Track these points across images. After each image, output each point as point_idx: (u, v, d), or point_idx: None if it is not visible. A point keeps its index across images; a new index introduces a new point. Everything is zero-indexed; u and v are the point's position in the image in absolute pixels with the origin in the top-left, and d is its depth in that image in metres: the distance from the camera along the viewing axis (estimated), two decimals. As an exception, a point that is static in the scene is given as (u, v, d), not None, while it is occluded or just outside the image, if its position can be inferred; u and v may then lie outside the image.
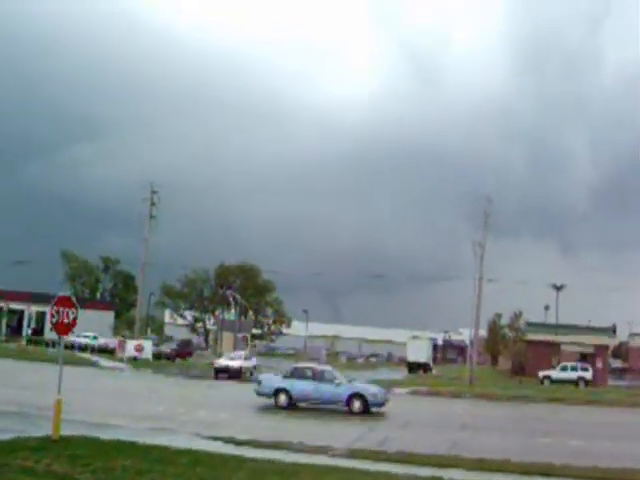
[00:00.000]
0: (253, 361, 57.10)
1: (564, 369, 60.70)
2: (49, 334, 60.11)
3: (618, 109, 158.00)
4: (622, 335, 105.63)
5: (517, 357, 77.43)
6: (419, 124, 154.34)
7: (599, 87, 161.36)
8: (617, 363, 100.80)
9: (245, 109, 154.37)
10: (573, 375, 59.83)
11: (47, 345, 60.76)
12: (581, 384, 58.20)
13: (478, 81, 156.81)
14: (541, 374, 62.04)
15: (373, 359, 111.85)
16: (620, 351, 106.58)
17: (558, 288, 73.79)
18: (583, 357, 76.74)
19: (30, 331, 69.27)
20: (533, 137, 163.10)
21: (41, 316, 69.69)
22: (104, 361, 54.16)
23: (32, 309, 73.28)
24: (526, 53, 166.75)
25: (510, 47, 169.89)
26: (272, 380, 30.29)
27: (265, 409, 28.51)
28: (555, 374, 60.25)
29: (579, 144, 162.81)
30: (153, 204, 63.95)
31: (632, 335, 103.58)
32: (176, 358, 66.62)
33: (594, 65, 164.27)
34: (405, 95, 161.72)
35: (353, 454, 17.45)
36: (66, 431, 16.34)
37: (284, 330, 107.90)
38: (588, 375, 59.77)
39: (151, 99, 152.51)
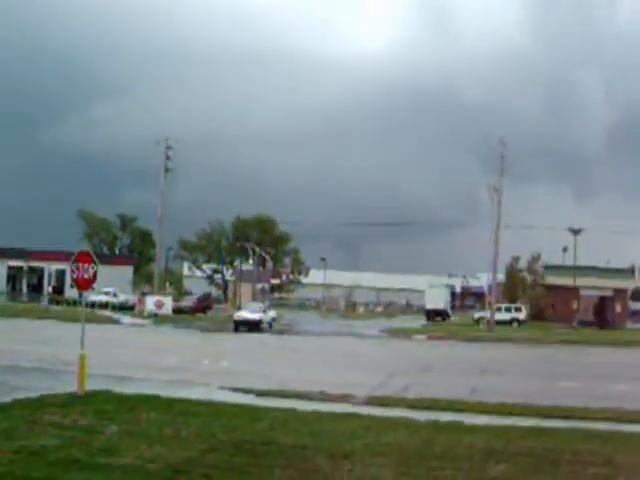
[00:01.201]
0: (272, 313, 57.61)
1: (499, 310, 63.95)
2: (70, 292, 60.63)
3: (633, 50, 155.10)
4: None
5: (536, 302, 77.35)
6: (435, 71, 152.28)
7: (614, 28, 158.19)
8: (637, 305, 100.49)
9: (260, 59, 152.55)
10: (507, 316, 64.56)
11: (68, 304, 61.32)
12: (514, 324, 63.48)
13: (492, 26, 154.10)
14: (476, 315, 68.20)
15: (392, 307, 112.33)
16: (639, 293, 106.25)
17: (576, 232, 73.25)
18: (602, 301, 76.91)
19: (50, 289, 69.89)
20: (548, 80, 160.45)
21: (61, 274, 70.23)
22: (125, 318, 54.75)
23: (52, 267, 73.81)
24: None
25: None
26: None
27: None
28: (484, 314, 63.95)
29: (595, 86, 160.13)
30: (168, 158, 63.95)
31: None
32: (196, 312, 67.22)
33: (609, 4, 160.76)
34: (421, 43, 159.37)
35: (374, 401, 17.61)
36: (91, 386, 16.60)
37: (302, 280, 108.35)
38: (521, 315, 65.24)
39: (163, 56, 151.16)
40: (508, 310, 66.72)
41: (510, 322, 63.88)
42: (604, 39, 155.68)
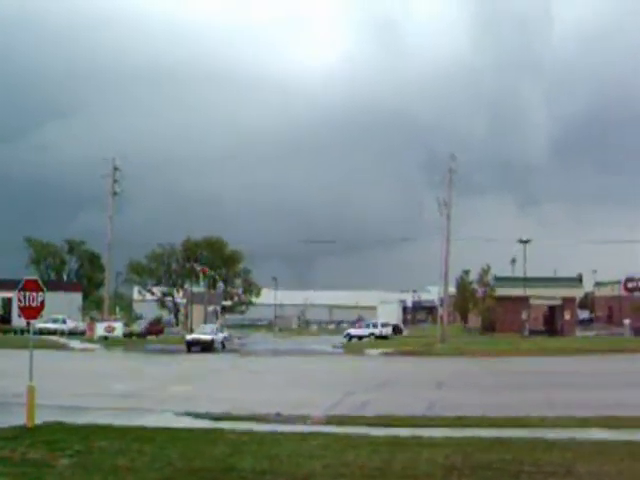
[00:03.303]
0: (224, 333, 57.17)
1: (364, 326, 72.46)
2: (17, 320, 59.29)
3: (570, 65, 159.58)
4: (587, 286, 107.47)
5: (487, 314, 78.21)
6: (382, 88, 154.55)
7: (552, 44, 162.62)
8: (585, 314, 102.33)
9: (209, 78, 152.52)
10: (366, 332, 70.17)
11: (15, 333, 59.96)
12: (372, 338, 67.63)
13: (438, 44, 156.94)
14: (346, 332, 73.38)
15: (344, 325, 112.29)
16: (586, 301, 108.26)
17: (524, 242, 74.33)
18: (551, 310, 78.10)
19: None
20: (493, 96, 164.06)
21: (8, 302, 68.68)
22: (75, 343, 53.69)
23: (-2, 296, 72.19)
24: (483, 15, 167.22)
25: (467, 10, 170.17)
26: None
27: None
28: (353, 331, 72.19)
29: (536, 101, 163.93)
30: (116, 181, 63.12)
31: (597, 284, 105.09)
32: (147, 336, 66.32)
33: (546, 24, 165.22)
34: (368, 61, 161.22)
35: (331, 420, 17.45)
36: (41, 417, 16.10)
37: (254, 300, 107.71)
38: (377, 331, 69.26)
39: (117, 75, 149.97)
40: (367, 326, 72.22)
41: (368, 336, 68.55)
42: (543, 55, 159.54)
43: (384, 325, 71.19)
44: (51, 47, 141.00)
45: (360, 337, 68.58)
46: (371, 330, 69.61)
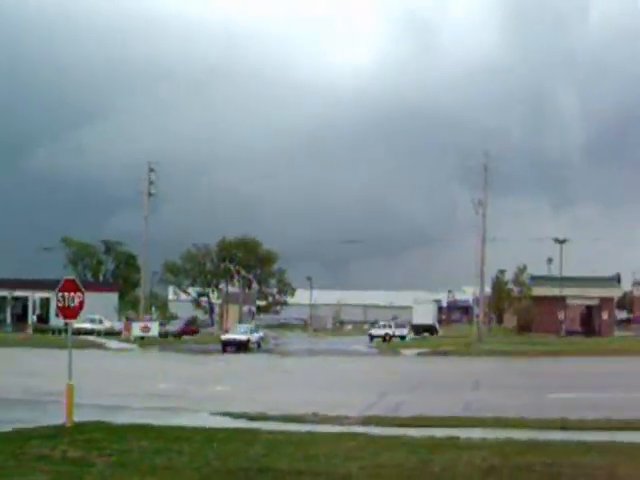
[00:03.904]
0: (259, 333, 57.40)
1: (380, 327, 71.60)
2: (55, 321, 60.04)
3: (605, 61, 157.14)
4: (626, 285, 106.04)
5: (523, 314, 77.51)
6: (417, 88, 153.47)
7: (586, 40, 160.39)
8: (623, 314, 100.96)
9: (241, 79, 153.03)
10: (382, 332, 69.67)
11: (53, 332, 60.67)
12: (387, 337, 67.85)
13: (472, 43, 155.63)
14: (368, 332, 72.63)
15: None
16: (625, 301, 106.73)
17: (561, 242, 73.47)
18: (588, 310, 77.12)
19: (35, 319, 69.04)
20: (526, 94, 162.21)
21: (46, 303, 69.54)
22: (111, 343, 54.24)
23: (36, 296, 73.10)
24: (516, 11, 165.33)
25: (500, 7, 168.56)
26: None
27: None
28: (374, 331, 70.78)
29: (571, 98, 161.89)
30: (151, 182, 63.83)
31: (636, 284, 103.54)
32: (182, 336, 66.77)
33: (580, 18, 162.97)
34: (404, 61, 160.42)
35: (368, 421, 17.40)
36: (79, 416, 16.27)
37: (288, 300, 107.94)
38: (390, 331, 69.07)
39: (146, 79, 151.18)
40: (384, 327, 71.59)
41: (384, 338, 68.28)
42: (577, 51, 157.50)
43: (398, 325, 72.02)
44: (82, 49, 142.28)
45: (383, 338, 68.44)
46: (386, 330, 69.97)
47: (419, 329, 75.91)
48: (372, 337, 69.11)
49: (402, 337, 68.54)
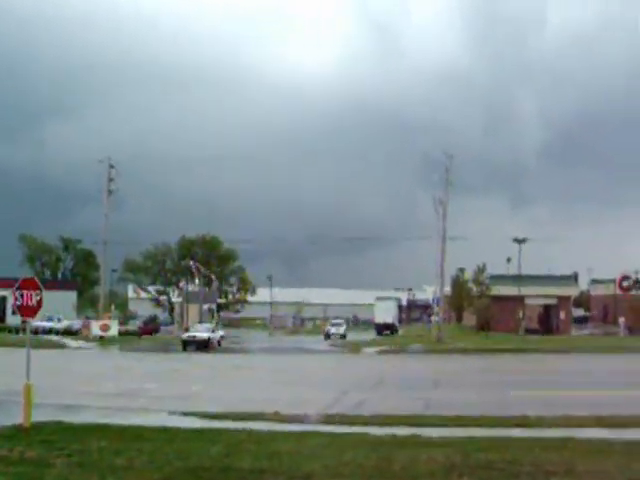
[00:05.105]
0: (220, 332, 57.17)
1: (332, 325, 75.06)
2: (11, 318, 59.14)
3: (562, 68, 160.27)
4: (583, 284, 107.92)
5: (482, 312, 78.16)
6: (381, 90, 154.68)
7: (543, 48, 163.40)
8: (580, 312, 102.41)
9: (205, 79, 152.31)
10: (332, 330, 72.02)
11: (10, 331, 59.74)
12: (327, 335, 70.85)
13: (434, 48, 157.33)
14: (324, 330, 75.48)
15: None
16: (582, 300, 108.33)
17: (520, 241, 74.20)
18: (546, 309, 78.12)
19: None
20: (487, 99, 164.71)
21: (2, 301, 68.49)
22: (70, 341, 53.59)
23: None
24: (476, 19, 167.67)
25: (461, 15, 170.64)
26: None
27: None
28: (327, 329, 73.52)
29: (528, 103, 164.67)
30: (111, 179, 63.02)
31: (593, 283, 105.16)
32: (142, 335, 66.26)
33: (538, 27, 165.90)
34: (368, 63, 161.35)
35: (329, 419, 17.40)
36: (38, 416, 16.00)
37: (249, 298, 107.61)
38: (333, 329, 72.40)
39: (110, 77, 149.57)
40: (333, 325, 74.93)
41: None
42: (535, 58, 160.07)
43: (335, 324, 74.80)
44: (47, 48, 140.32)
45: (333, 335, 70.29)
46: (333, 329, 72.21)
47: (380, 327, 76.25)
48: (328, 335, 70.25)
49: (343, 336, 69.95)
